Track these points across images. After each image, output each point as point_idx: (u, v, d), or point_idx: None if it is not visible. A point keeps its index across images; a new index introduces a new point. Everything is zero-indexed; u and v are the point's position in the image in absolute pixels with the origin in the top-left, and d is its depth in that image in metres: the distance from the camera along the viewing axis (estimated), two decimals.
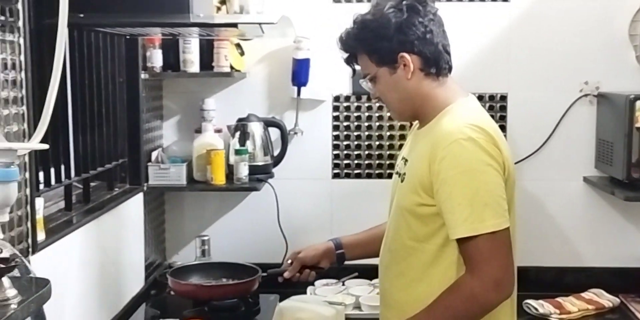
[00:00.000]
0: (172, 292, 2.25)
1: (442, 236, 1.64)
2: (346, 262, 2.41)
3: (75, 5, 1.45)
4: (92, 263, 2.04)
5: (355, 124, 2.75)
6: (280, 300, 2.40)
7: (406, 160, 1.74)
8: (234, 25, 1.80)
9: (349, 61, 1.75)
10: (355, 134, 2.76)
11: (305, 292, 2.56)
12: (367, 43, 1.67)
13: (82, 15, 1.68)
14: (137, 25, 1.83)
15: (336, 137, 2.76)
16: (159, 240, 2.71)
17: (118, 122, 2.37)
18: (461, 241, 1.58)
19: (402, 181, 1.71)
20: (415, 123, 1.85)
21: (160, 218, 2.73)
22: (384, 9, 1.65)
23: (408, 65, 1.65)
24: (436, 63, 1.67)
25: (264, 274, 2.19)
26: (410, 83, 1.66)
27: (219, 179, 2.55)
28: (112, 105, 2.32)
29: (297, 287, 2.52)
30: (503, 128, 2.70)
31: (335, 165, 2.77)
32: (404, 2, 1.64)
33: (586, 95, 2.68)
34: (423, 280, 1.68)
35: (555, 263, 2.72)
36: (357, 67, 1.77)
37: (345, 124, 2.75)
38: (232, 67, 2.61)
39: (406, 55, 1.64)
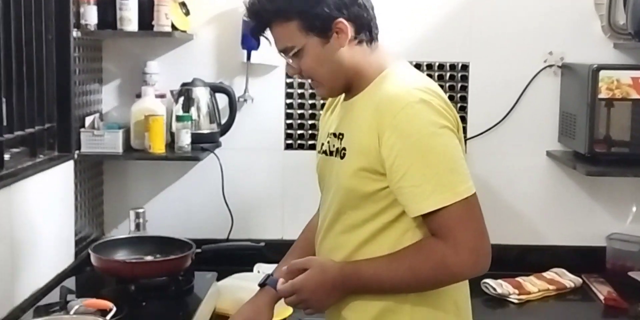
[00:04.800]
0: None
1: (393, 213, 1.49)
2: None
3: None
4: (2, 236, 1.86)
5: (310, 91, 2.59)
6: (221, 278, 2.25)
7: (340, 135, 1.57)
8: None
9: (259, 30, 1.53)
10: (310, 102, 2.61)
11: (251, 270, 2.42)
12: (299, 8, 1.47)
13: None
14: None
15: (289, 106, 2.61)
16: (95, 214, 2.53)
17: (45, 84, 2.17)
18: (429, 214, 1.43)
19: (341, 157, 1.54)
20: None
21: (97, 189, 2.56)
22: None
23: (345, 32, 1.49)
24: (369, 29, 1.54)
25: (199, 250, 2.03)
26: (343, 53, 1.51)
27: (158, 147, 2.38)
28: (38, 64, 2.12)
29: (241, 264, 2.40)
30: (464, 99, 2.59)
31: (288, 136, 2.62)
32: None
33: (550, 66, 2.57)
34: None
35: (516, 241, 2.61)
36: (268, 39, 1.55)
37: (299, 91, 2.60)
38: (174, 27, 2.43)
39: (344, 21, 1.49)
